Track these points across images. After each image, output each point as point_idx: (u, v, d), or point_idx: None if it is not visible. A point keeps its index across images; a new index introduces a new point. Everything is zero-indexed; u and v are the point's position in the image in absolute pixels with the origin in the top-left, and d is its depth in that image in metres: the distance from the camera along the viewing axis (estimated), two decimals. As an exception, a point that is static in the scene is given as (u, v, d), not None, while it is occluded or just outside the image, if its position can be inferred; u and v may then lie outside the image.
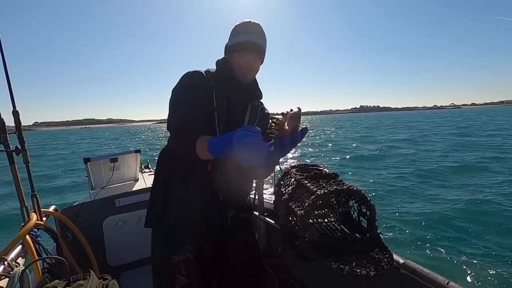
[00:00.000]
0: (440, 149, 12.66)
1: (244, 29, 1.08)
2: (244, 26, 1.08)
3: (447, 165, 8.77)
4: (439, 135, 19.72)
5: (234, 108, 1.14)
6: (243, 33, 1.07)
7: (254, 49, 1.07)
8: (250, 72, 1.12)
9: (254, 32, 1.07)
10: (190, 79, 1.08)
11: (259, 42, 1.08)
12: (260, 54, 1.10)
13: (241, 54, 1.07)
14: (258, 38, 1.08)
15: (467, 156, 10.32)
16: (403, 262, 1.02)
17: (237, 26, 1.10)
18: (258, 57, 1.10)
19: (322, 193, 1.12)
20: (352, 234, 1.23)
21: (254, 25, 1.08)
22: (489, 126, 25.70)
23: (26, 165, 1.27)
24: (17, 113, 1.22)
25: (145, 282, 1.89)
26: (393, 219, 4.58)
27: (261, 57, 1.12)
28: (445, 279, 0.89)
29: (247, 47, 1.06)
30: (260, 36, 1.08)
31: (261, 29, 1.09)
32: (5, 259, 0.95)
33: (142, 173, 2.67)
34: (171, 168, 1.14)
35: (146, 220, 1.19)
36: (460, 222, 4.37)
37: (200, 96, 1.06)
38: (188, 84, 1.07)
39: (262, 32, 1.10)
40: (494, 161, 9.05)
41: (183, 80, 1.08)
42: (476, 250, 3.53)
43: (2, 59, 1.17)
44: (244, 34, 1.07)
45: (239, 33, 1.08)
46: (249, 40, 1.06)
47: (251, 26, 1.08)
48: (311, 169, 1.44)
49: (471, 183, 6.54)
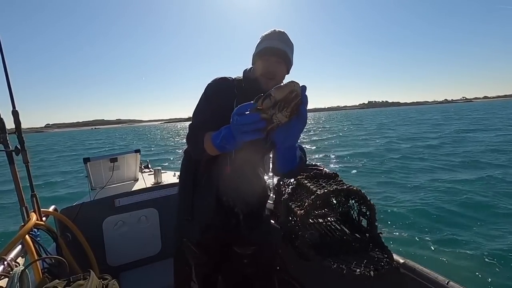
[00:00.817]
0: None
1: (269, 36, 1.07)
2: (269, 34, 1.08)
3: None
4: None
5: None
6: (267, 40, 1.07)
7: (277, 55, 1.05)
8: (273, 79, 1.08)
9: (275, 38, 1.06)
10: (213, 85, 1.12)
11: (279, 46, 1.05)
12: (282, 59, 1.07)
13: (263, 60, 1.07)
14: (279, 43, 1.06)
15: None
16: (403, 261, 1.02)
17: (263, 35, 1.10)
18: (280, 61, 1.07)
19: (322, 193, 1.12)
20: (352, 234, 1.23)
21: (276, 32, 1.08)
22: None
23: (25, 165, 1.27)
24: (17, 113, 1.22)
25: (145, 282, 1.89)
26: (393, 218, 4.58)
27: (285, 63, 1.09)
28: (445, 279, 0.89)
29: (270, 53, 1.05)
30: (281, 41, 1.06)
31: (284, 36, 1.08)
32: (5, 259, 0.95)
33: (142, 173, 2.66)
34: (195, 166, 1.20)
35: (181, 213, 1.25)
36: (461, 222, 4.38)
37: (221, 102, 1.08)
38: (209, 91, 1.12)
39: (285, 38, 1.08)
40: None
41: (207, 87, 1.13)
42: (477, 250, 3.53)
43: (2, 59, 1.17)
44: (268, 40, 1.06)
45: (264, 40, 1.08)
46: (272, 46, 1.05)
47: (273, 33, 1.08)
48: (311, 169, 1.44)
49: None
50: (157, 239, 2.10)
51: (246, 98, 1.07)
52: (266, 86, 1.08)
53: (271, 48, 1.05)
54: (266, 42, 1.06)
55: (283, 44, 1.07)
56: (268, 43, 1.06)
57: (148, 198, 2.03)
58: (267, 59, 1.06)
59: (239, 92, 1.10)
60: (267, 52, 1.05)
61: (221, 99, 1.08)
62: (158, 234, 2.10)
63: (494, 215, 4.56)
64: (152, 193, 2.05)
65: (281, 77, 1.11)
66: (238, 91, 1.11)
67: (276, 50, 1.05)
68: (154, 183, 2.20)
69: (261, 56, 1.07)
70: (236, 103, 1.07)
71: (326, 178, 1.30)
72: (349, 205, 1.33)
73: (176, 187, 2.09)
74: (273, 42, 1.05)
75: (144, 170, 2.77)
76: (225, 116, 1.00)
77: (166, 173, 2.52)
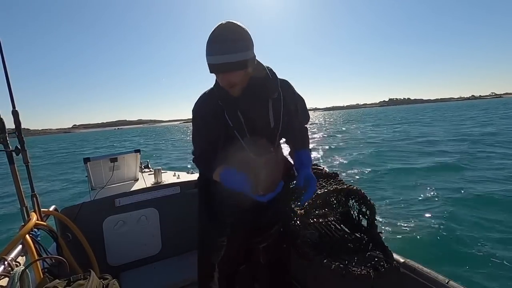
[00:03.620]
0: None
1: (208, 49, 0.96)
2: (208, 45, 0.97)
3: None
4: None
5: (254, 113, 1.10)
6: (208, 55, 0.97)
7: (222, 70, 0.97)
8: (235, 86, 1.03)
9: (214, 53, 0.95)
10: (198, 113, 1.14)
11: (221, 61, 0.94)
12: (232, 69, 0.97)
13: (217, 75, 1.03)
14: (220, 58, 0.94)
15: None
16: (403, 261, 1.02)
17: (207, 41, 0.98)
18: (233, 71, 0.98)
19: (322, 193, 1.12)
20: (352, 233, 1.23)
21: (215, 39, 0.95)
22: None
23: (26, 165, 1.27)
24: (17, 113, 1.22)
25: (145, 282, 1.89)
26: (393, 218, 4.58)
27: (237, 69, 0.98)
28: (445, 278, 0.89)
29: (215, 70, 0.99)
30: (222, 52, 0.93)
31: (223, 43, 0.93)
32: (5, 259, 0.95)
33: (142, 173, 2.66)
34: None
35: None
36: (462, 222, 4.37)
37: (212, 125, 1.09)
38: (197, 119, 1.14)
39: (226, 46, 0.93)
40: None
41: (193, 116, 1.15)
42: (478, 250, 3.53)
43: (2, 60, 1.17)
44: (209, 56, 0.97)
45: (206, 53, 0.98)
46: (213, 62, 0.96)
47: (212, 42, 0.95)
48: (311, 169, 1.44)
49: None
50: (157, 239, 2.10)
51: (234, 105, 1.09)
52: (233, 93, 1.08)
53: (214, 65, 0.97)
54: (209, 58, 0.97)
55: (225, 56, 0.94)
56: (210, 60, 0.97)
57: (148, 198, 2.03)
58: (217, 75, 1.02)
59: (224, 101, 1.08)
60: (213, 70, 0.99)
61: (212, 120, 1.09)
62: (158, 234, 2.10)
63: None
64: (152, 193, 2.05)
65: (241, 80, 1.03)
66: (223, 102, 1.08)
67: (219, 66, 0.96)
68: (154, 183, 2.20)
69: (212, 72, 1.01)
70: (227, 114, 1.08)
71: (326, 178, 1.30)
72: (349, 204, 1.33)
73: (176, 186, 2.09)
74: (214, 59, 0.95)
75: (144, 170, 2.77)
76: (226, 131, 1.10)
77: (166, 173, 2.52)
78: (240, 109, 1.08)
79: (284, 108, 1.14)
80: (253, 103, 1.09)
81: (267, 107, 1.11)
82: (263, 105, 1.11)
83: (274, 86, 1.12)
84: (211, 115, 1.09)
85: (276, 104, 1.12)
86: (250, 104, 1.09)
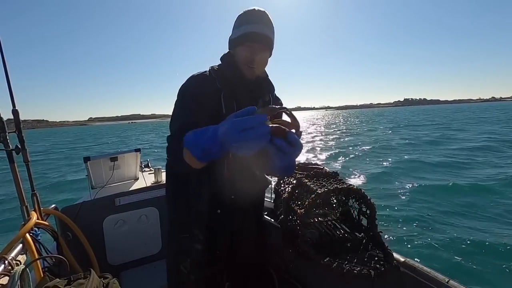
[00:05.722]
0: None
1: (249, 19, 0.94)
2: (248, 16, 0.95)
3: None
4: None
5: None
6: (247, 23, 0.94)
7: (261, 41, 0.94)
8: (258, 67, 0.99)
9: (259, 22, 0.94)
10: (192, 85, 0.97)
11: (266, 32, 0.94)
12: (268, 45, 0.97)
13: (247, 47, 0.95)
14: (265, 27, 0.94)
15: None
16: (403, 260, 1.02)
17: (240, 16, 0.97)
18: (266, 48, 0.97)
19: (322, 192, 1.13)
20: (352, 233, 1.23)
21: (259, 13, 0.95)
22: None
23: (26, 164, 1.27)
24: (17, 112, 1.21)
25: (145, 281, 1.90)
26: (393, 218, 4.58)
27: (270, 49, 0.99)
28: (445, 278, 0.89)
29: (253, 39, 0.94)
30: (266, 25, 0.95)
31: (267, 17, 0.96)
32: (6, 258, 0.95)
33: (142, 172, 2.67)
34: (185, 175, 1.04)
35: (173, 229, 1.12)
36: (462, 222, 4.38)
37: (205, 104, 0.94)
38: (188, 93, 0.95)
39: (269, 20, 0.96)
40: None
41: (182, 94, 0.96)
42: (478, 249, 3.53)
43: (2, 59, 1.17)
44: (249, 25, 0.94)
45: (243, 24, 0.95)
46: (255, 30, 0.93)
47: (256, 14, 0.95)
48: (311, 168, 1.44)
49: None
50: (157, 238, 2.11)
51: (233, 92, 0.98)
52: (250, 75, 1.00)
53: (256, 34, 0.93)
54: (249, 27, 0.93)
55: (267, 28, 0.95)
56: (251, 28, 0.93)
57: (148, 197, 2.03)
58: (251, 45, 0.95)
59: (224, 85, 0.98)
60: (251, 38, 0.94)
61: (205, 99, 0.94)
62: (159, 233, 2.10)
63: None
64: (152, 192, 2.05)
65: (265, 65, 1.02)
66: (222, 85, 0.98)
67: (261, 36, 0.93)
68: (154, 182, 2.20)
69: (244, 42, 0.95)
70: (224, 99, 0.97)
71: (326, 177, 1.30)
72: (349, 204, 1.33)
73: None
74: (257, 27, 0.93)
75: (144, 169, 2.77)
76: (214, 117, 0.86)
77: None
78: (235, 98, 1.00)
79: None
80: (247, 99, 1.03)
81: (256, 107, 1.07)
82: (254, 104, 1.03)
83: (268, 89, 1.10)
84: (207, 93, 0.96)
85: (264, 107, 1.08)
86: (245, 99, 1.03)
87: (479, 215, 4.57)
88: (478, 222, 4.29)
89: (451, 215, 4.62)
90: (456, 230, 4.09)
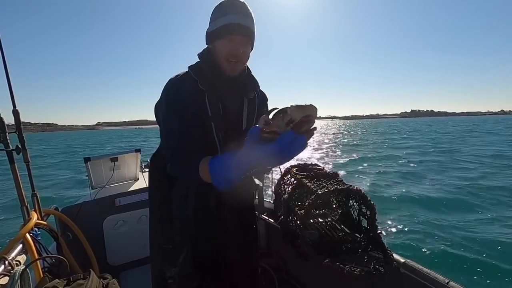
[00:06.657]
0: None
1: (227, 10, 0.88)
2: (226, 6, 0.89)
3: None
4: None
5: (231, 109, 0.98)
6: (225, 15, 0.87)
7: (241, 33, 0.88)
8: (239, 62, 0.92)
9: (239, 12, 0.88)
10: (175, 93, 0.90)
11: (246, 23, 0.88)
12: (249, 37, 0.91)
13: (226, 40, 0.89)
14: (244, 18, 0.88)
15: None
16: (403, 261, 1.02)
17: (217, 7, 0.91)
18: (247, 41, 0.91)
19: (322, 193, 1.12)
20: (352, 234, 1.23)
21: (238, 3, 0.89)
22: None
23: (26, 164, 1.27)
24: (17, 112, 1.22)
25: (145, 282, 1.89)
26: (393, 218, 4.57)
27: (251, 42, 0.93)
28: (445, 279, 0.89)
29: (233, 31, 0.87)
30: (247, 16, 0.89)
31: (246, 7, 0.90)
32: (6, 258, 0.95)
33: (142, 172, 2.67)
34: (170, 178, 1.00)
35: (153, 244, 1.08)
36: (462, 223, 4.37)
37: (191, 108, 0.89)
38: (173, 101, 0.89)
39: (249, 11, 0.90)
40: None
41: (167, 96, 0.91)
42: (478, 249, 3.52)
43: (2, 59, 1.17)
44: (227, 15, 0.87)
45: (221, 15, 0.88)
46: (234, 21, 0.86)
47: (234, 5, 0.88)
48: (311, 169, 1.44)
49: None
50: None
51: (216, 92, 0.93)
52: (231, 70, 0.93)
53: (235, 25, 0.87)
54: (229, 18, 0.87)
55: (247, 19, 0.89)
56: (231, 19, 0.87)
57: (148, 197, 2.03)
58: (232, 38, 0.88)
59: (206, 86, 0.92)
60: (230, 30, 0.87)
61: (191, 104, 0.89)
62: None
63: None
64: None
65: (247, 59, 0.95)
66: (204, 86, 0.92)
67: (241, 27, 0.87)
68: (155, 183, 2.20)
69: (223, 35, 0.89)
70: (208, 100, 0.92)
71: (326, 178, 1.30)
72: (349, 205, 1.33)
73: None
74: (238, 18, 0.87)
75: (144, 170, 2.77)
76: (204, 123, 0.90)
77: None
78: (221, 100, 0.95)
79: (258, 111, 1.04)
80: (232, 98, 0.98)
81: (241, 106, 1.01)
82: (239, 102, 1.01)
83: (252, 85, 1.04)
84: (191, 96, 0.90)
85: (251, 105, 1.02)
86: (229, 98, 0.97)
87: (483, 215, 4.56)
88: (481, 223, 4.28)
89: (452, 215, 4.61)
90: (457, 230, 4.08)
